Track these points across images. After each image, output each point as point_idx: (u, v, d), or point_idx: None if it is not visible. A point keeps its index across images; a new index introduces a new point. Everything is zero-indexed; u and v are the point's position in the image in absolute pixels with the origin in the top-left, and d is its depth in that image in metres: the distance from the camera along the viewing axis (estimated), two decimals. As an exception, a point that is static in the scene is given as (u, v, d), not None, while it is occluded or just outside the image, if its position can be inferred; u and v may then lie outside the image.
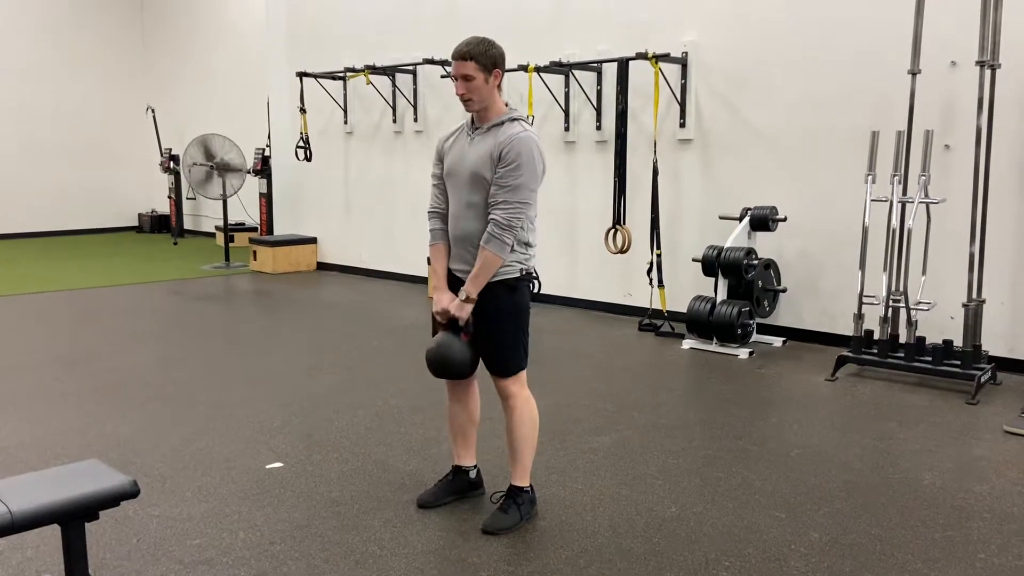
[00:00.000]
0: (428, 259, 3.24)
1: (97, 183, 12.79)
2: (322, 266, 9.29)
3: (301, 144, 8.47)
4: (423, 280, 7.73)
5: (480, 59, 2.83)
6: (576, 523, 3.04)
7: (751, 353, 5.55)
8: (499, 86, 2.93)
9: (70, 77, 12.35)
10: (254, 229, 10.88)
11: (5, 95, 11.83)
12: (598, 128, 6.84)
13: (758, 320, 5.93)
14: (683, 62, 6.26)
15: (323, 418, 4.22)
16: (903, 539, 2.92)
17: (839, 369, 5.05)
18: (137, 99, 12.69)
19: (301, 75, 8.41)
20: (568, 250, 7.18)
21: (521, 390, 3.01)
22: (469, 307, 2.92)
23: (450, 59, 2.92)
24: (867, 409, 4.50)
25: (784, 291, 5.92)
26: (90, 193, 12.75)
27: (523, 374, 3.03)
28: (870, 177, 5.03)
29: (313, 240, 9.27)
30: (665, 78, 6.20)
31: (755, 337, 5.88)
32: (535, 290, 3.06)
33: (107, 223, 13.05)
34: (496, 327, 2.97)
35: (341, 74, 8.25)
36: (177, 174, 11.74)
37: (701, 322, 5.66)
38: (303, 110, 8.43)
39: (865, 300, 5.04)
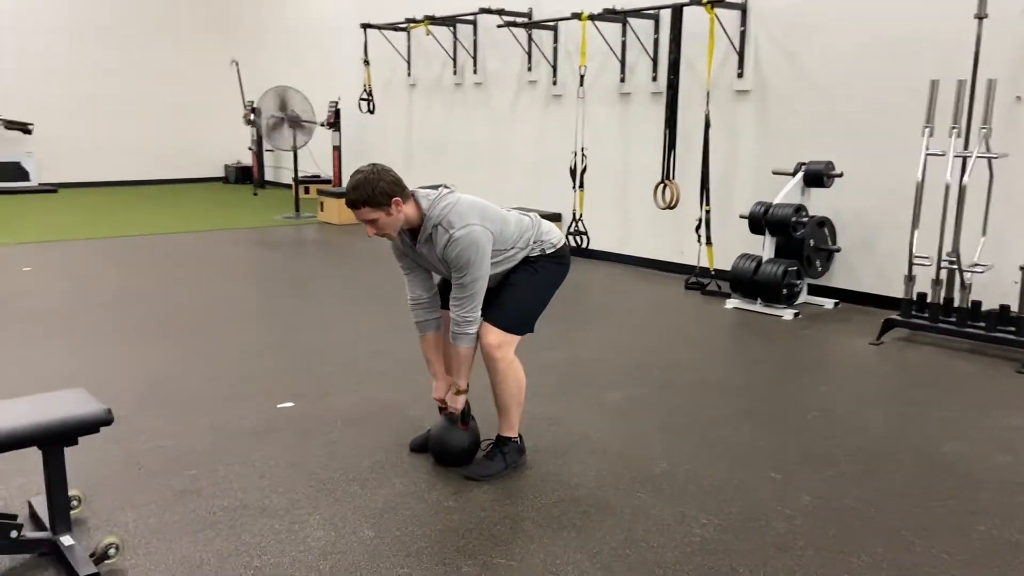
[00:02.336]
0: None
1: (188, 135, 13.24)
2: (387, 218, 9.41)
3: (364, 96, 8.56)
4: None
5: (372, 202, 2.71)
6: (561, 474, 3.03)
7: (797, 314, 5.36)
8: (406, 197, 2.78)
9: (161, 34, 12.78)
10: (329, 181, 11.09)
11: (101, 54, 12.34)
12: (654, 79, 6.65)
13: (810, 281, 5.71)
14: (742, 8, 5.99)
15: (346, 362, 4.31)
16: (899, 507, 2.79)
17: (886, 333, 4.83)
18: (223, 53, 13.02)
19: (365, 26, 8.46)
20: (620, 205, 7.05)
21: (506, 353, 2.95)
22: (462, 398, 3.01)
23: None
24: (908, 375, 4.30)
25: (838, 251, 5.67)
26: (182, 145, 13.23)
27: (515, 340, 2.99)
28: (927, 130, 4.74)
29: (378, 192, 9.39)
30: (722, 25, 5.96)
31: (805, 298, 5.67)
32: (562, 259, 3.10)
33: (197, 173, 13.53)
34: (510, 285, 2.99)
35: (403, 25, 8.27)
36: (259, 126, 12.03)
37: (745, 281, 5.49)
38: (367, 62, 8.51)
39: (916, 261, 4.78)
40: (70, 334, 4.80)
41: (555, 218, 7.41)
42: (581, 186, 6.87)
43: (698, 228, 6.12)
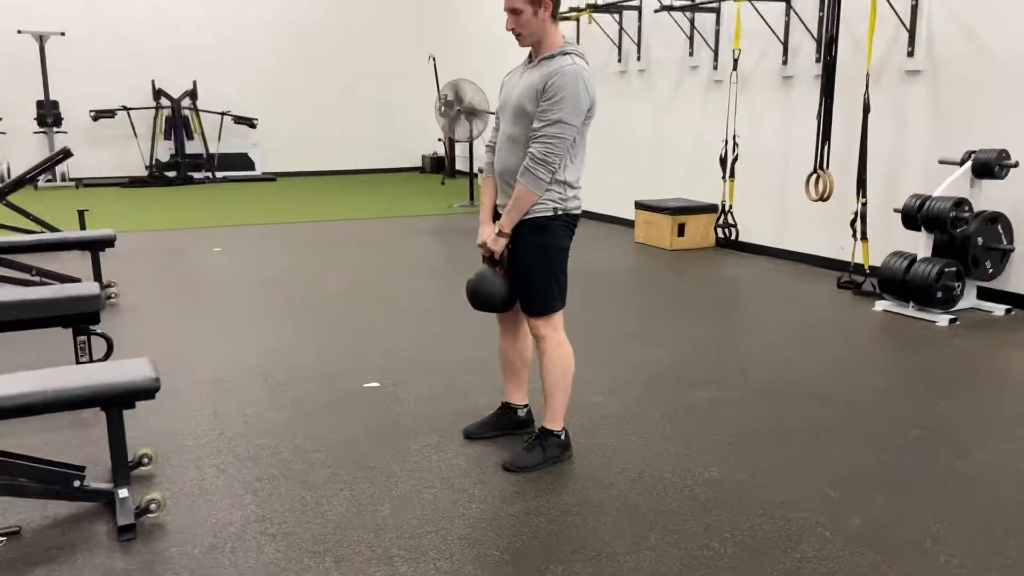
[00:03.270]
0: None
1: (391, 127, 14.08)
2: (555, 207, 9.47)
3: (532, 87, 8.66)
4: (632, 223, 7.64)
5: None
6: (601, 473, 2.95)
7: (953, 320, 4.81)
8: (554, 18, 2.84)
9: (368, 32, 13.68)
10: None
11: (315, 52, 13.40)
12: (818, 61, 6.19)
13: (980, 284, 5.11)
14: (914, -19, 5.44)
15: (443, 345, 4.42)
16: (963, 542, 2.46)
17: (1051, 346, 4.23)
18: (423, 49, 13.68)
19: (534, 18, 8.55)
20: (779, 197, 6.65)
21: (552, 333, 2.94)
22: (503, 241, 2.92)
23: None
24: (1059, 395, 3.75)
25: (1012, 250, 5.01)
26: (385, 136, 14.10)
27: (556, 317, 2.96)
28: (1110, 113, 4.07)
29: (547, 181, 9.48)
30: (888, 1, 5.44)
31: (973, 303, 5.08)
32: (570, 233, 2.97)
33: (398, 163, 14.35)
34: (524, 265, 2.93)
35: (567, 15, 8.27)
36: (448, 117, 12.53)
37: (895, 282, 5.00)
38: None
39: (1091, 265, 4.14)
40: (224, 307, 5.30)
41: (711, 210, 7.13)
42: (732, 176, 6.56)
43: (854, 222, 5.65)
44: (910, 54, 5.55)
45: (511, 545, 2.48)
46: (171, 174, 12.46)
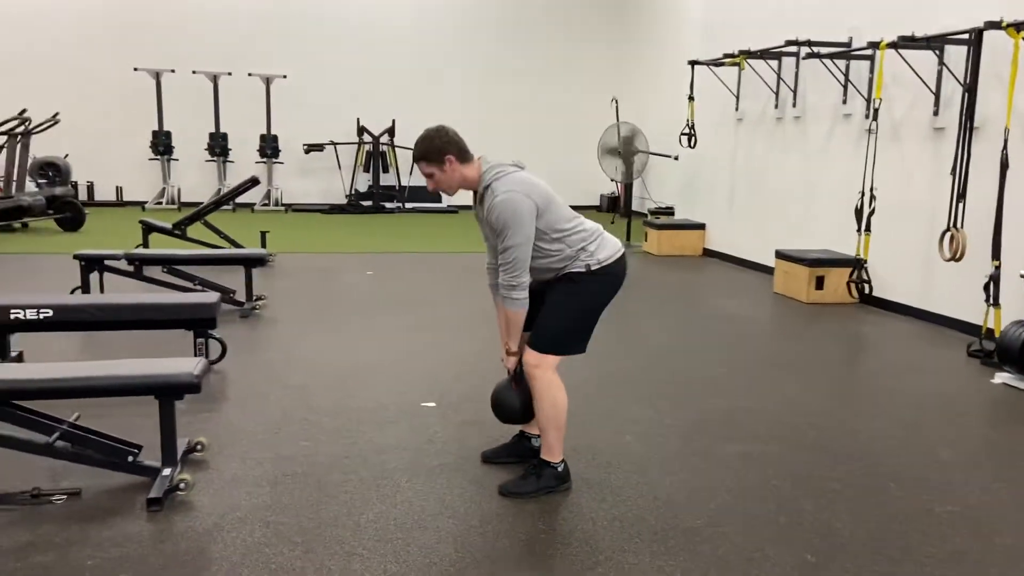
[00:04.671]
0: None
1: (575, 165, 14.49)
2: (708, 252, 9.38)
3: (686, 131, 8.70)
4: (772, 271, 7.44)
5: (428, 157, 3.01)
6: (586, 508, 3.03)
7: (1077, 399, 4.34)
8: (463, 160, 3.03)
9: (556, 72, 14.29)
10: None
11: (505, 89, 14.15)
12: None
13: (1126, 362, 4.56)
14: (1070, 29, 5.00)
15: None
16: (919, 625, 2.32)
17: None
18: (607, 90, 14.01)
19: (692, 63, 8.61)
20: (924, 253, 6.24)
21: (544, 373, 3.07)
22: (513, 359, 3.16)
23: None
24: None
25: None
26: (569, 174, 14.45)
27: (554, 359, 3.09)
28: None
29: (701, 226, 9.41)
30: (1037, 50, 5.04)
31: (1114, 383, 4.54)
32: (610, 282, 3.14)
33: (579, 201, 14.66)
34: (547, 304, 3.11)
35: (722, 61, 8.25)
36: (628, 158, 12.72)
37: (1012, 353, 4.59)
38: (691, 98, 8.64)
39: None
40: (349, 323, 5.80)
41: (855, 264, 6.78)
42: (868, 229, 6.25)
43: (987, 286, 5.22)
44: (1065, 107, 5.10)
45: (462, 559, 2.65)
46: (366, 203, 13.60)
